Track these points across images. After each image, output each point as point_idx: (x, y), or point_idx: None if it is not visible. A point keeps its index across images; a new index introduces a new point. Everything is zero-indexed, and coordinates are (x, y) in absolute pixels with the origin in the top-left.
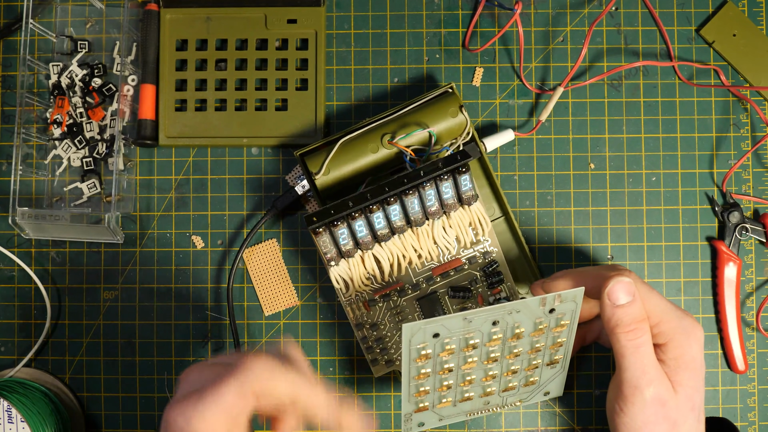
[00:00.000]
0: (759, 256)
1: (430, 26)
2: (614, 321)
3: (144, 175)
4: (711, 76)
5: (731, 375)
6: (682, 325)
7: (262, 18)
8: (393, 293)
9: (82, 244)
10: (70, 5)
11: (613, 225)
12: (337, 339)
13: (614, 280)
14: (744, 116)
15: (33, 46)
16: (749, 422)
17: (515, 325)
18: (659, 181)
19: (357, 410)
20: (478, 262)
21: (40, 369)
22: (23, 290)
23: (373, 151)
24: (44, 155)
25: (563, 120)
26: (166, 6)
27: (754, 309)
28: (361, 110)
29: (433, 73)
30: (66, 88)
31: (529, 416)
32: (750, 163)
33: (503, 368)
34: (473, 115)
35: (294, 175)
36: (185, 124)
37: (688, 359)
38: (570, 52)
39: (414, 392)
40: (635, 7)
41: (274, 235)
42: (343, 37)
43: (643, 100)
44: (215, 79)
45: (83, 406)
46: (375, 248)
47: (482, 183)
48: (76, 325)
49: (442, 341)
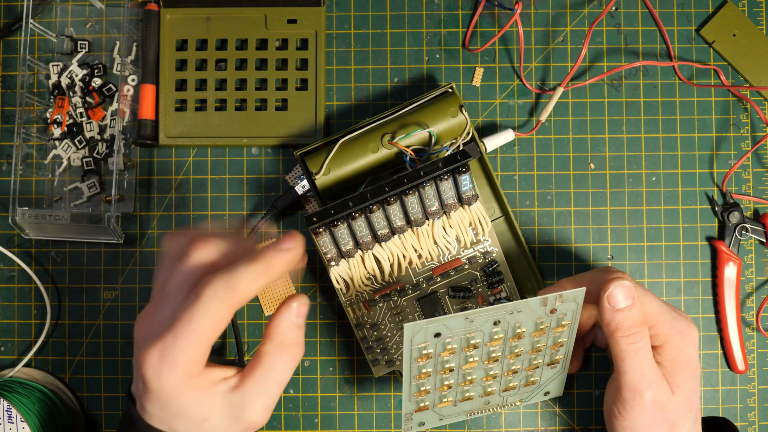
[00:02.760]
0: (759, 256)
1: (430, 26)
2: (614, 325)
3: (144, 175)
4: (711, 76)
5: (731, 375)
6: (677, 327)
7: (262, 18)
8: (393, 293)
9: (82, 244)
10: (70, 5)
11: (613, 225)
12: (337, 339)
13: (614, 284)
14: (744, 116)
15: (33, 46)
16: (749, 422)
17: (516, 325)
18: (659, 181)
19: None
20: (478, 262)
21: (40, 369)
22: (23, 290)
23: (373, 151)
24: (44, 155)
25: (563, 120)
26: (166, 6)
27: (754, 309)
28: (361, 110)
29: (433, 73)
30: (66, 88)
31: (529, 416)
32: (750, 163)
33: (504, 368)
34: (473, 115)
35: (294, 175)
36: (185, 124)
37: (685, 360)
38: (570, 52)
39: (415, 392)
40: (635, 7)
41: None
42: (343, 37)
43: (643, 100)
44: (215, 79)
45: (83, 406)
46: (375, 248)
47: (482, 183)
48: (76, 325)
49: (443, 341)
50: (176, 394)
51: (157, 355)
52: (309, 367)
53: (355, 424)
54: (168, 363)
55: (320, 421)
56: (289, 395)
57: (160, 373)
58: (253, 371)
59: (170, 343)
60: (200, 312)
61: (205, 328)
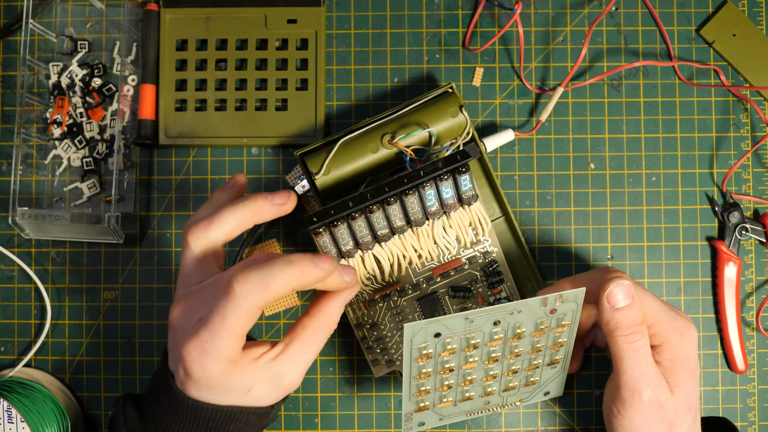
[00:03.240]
0: (759, 256)
1: (430, 26)
2: (613, 324)
3: (144, 175)
4: (711, 76)
5: (731, 375)
6: (675, 326)
7: (262, 18)
8: (393, 293)
9: (82, 244)
10: (70, 5)
11: (613, 225)
12: (337, 339)
13: (613, 283)
14: (744, 116)
15: (33, 46)
16: (749, 422)
17: (516, 325)
18: (659, 181)
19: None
20: (478, 262)
21: (40, 369)
22: (23, 290)
23: (373, 151)
24: (44, 155)
25: (563, 120)
26: (166, 6)
27: (754, 309)
28: (361, 110)
29: (433, 73)
30: (66, 88)
31: (529, 416)
32: (750, 163)
33: (504, 368)
34: (473, 115)
35: (294, 175)
36: (185, 124)
37: (684, 360)
38: (570, 52)
39: (415, 392)
40: (635, 7)
41: (274, 235)
42: (343, 37)
43: (643, 100)
44: (215, 79)
45: (83, 406)
46: (375, 248)
47: (482, 183)
48: (76, 325)
49: (443, 341)
50: (221, 378)
51: (197, 351)
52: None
53: (355, 424)
54: (209, 357)
55: (320, 421)
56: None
57: (203, 366)
58: (294, 342)
59: (208, 339)
60: (233, 310)
61: (239, 325)
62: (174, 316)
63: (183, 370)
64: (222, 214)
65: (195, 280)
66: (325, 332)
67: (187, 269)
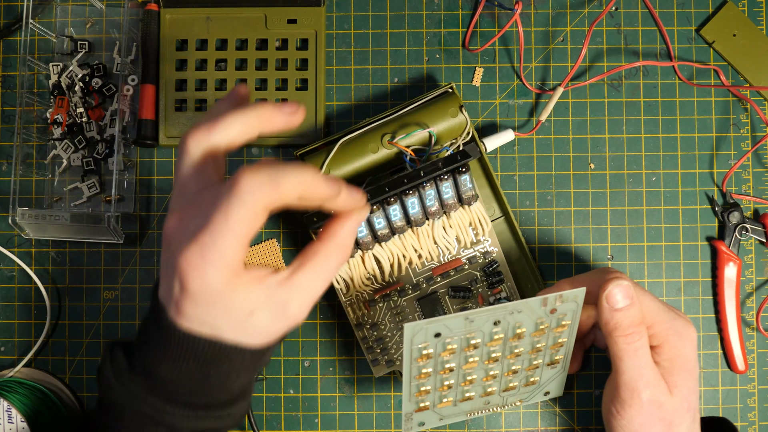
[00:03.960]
0: (759, 256)
1: (430, 26)
2: (612, 324)
3: (144, 175)
4: (711, 76)
5: (731, 375)
6: (674, 326)
7: (262, 18)
8: (393, 293)
9: (82, 244)
10: (70, 5)
11: (613, 225)
12: (337, 339)
13: (613, 284)
14: (744, 116)
15: (33, 46)
16: (749, 422)
17: (516, 325)
18: (659, 181)
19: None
20: (478, 262)
21: (40, 369)
22: (23, 290)
23: (373, 151)
24: (44, 155)
25: (563, 120)
26: (166, 6)
27: (754, 309)
28: (361, 110)
29: (433, 73)
30: (66, 88)
31: (529, 416)
32: (750, 163)
33: (504, 368)
34: (473, 115)
35: None
36: (185, 124)
37: (683, 360)
38: (570, 52)
39: (415, 392)
40: (635, 7)
41: (274, 235)
42: (343, 37)
43: (643, 100)
44: (215, 79)
45: (83, 406)
46: (375, 248)
47: (482, 183)
48: (76, 325)
49: (443, 341)
50: (223, 290)
51: (197, 255)
52: (309, 367)
53: (355, 424)
54: (210, 261)
55: (320, 421)
56: (289, 395)
57: (203, 273)
58: (304, 266)
59: (208, 242)
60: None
61: (243, 226)
62: (169, 226)
63: (179, 284)
64: (227, 117)
65: (193, 189)
66: (337, 258)
67: (184, 177)
